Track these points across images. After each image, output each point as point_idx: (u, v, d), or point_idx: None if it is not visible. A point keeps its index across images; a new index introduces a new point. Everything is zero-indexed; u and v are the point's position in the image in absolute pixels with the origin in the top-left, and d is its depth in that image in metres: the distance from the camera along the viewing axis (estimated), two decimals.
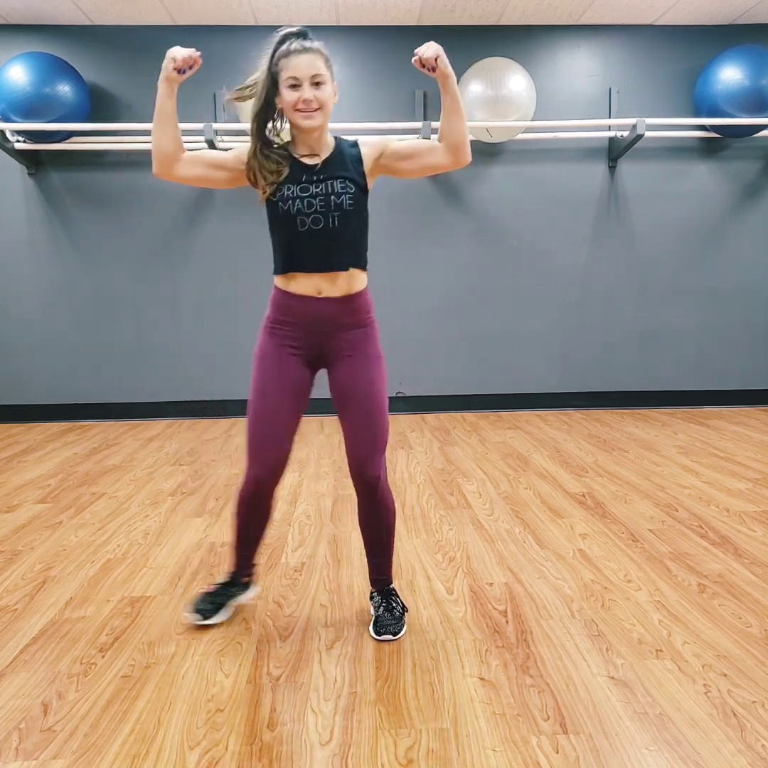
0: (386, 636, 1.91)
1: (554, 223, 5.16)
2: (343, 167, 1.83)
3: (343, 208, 1.79)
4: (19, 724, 1.57)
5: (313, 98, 1.74)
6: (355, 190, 1.82)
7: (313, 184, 1.79)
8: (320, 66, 1.75)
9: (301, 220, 1.79)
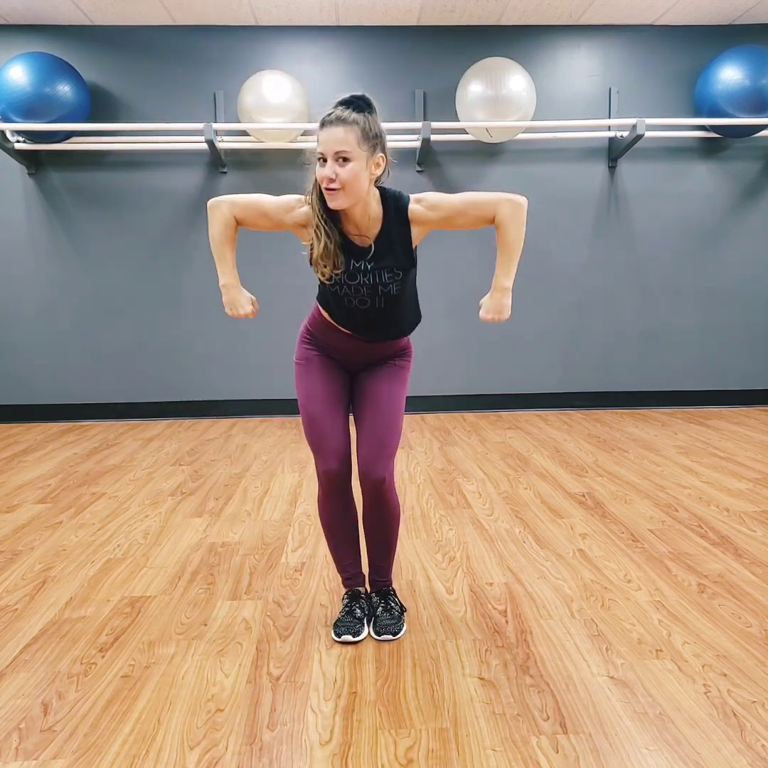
0: (386, 636, 1.91)
1: (554, 223, 5.16)
2: (391, 253, 1.77)
3: (390, 295, 1.81)
4: (19, 724, 1.57)
5: (333, 176, 1.63)
6: (403, 275, 1.80)
7: (361, 273, 1.77)
8: (349, 140, 1.62)
9: (348, 300, 1.82)
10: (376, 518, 1.96)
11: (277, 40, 4.94)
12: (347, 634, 1.90)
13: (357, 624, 1.93)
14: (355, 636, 1.90)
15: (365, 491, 1.92)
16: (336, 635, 1.92)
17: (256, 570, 2.41)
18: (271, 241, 4.95)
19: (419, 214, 1.78)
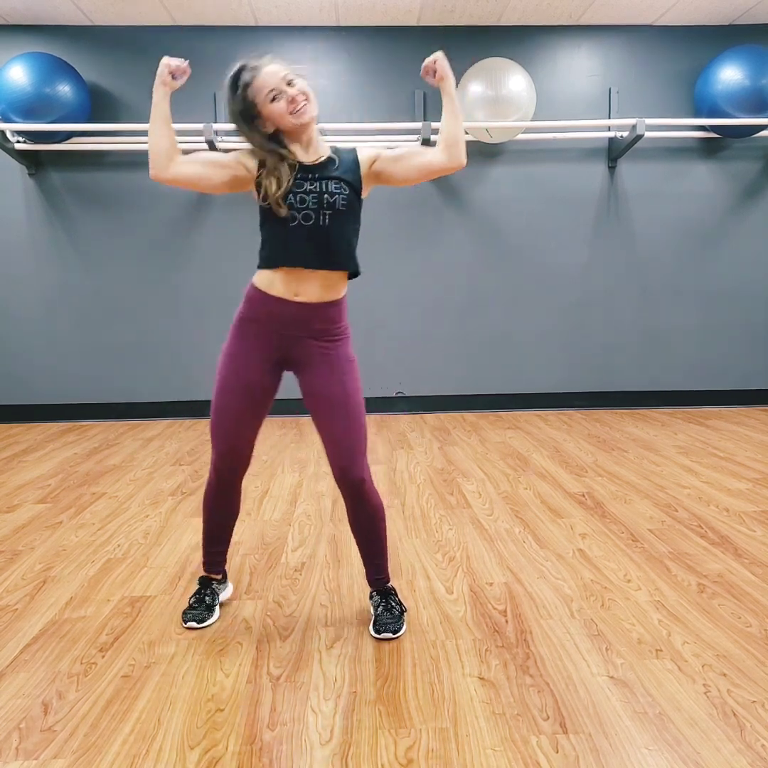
0: (386, 634, 1.91)
1: (554, 223, 5.17)
2: (338, 169, 1.84)
3: (335, 208, 1.79)
4: (19, 724, 1.57)
5: (297, 92, 1.78)
6: (350, 192, 1.82)
7: (308, 182, 1.79)
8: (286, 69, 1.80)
9: (292, 215, 1.78)
10: (362, 518, 1.95)
11: (277, 40, 4.94)
12: (192, 621, 1.98)
13: (204, 612, 2.01)
14: (200, 623, 1.98)
15: (346, 495, 1.92)
16: (183, 621, 2.00)
17: (256, 570, 2.41)
18: None
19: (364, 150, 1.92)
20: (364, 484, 1.88)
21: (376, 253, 5.02)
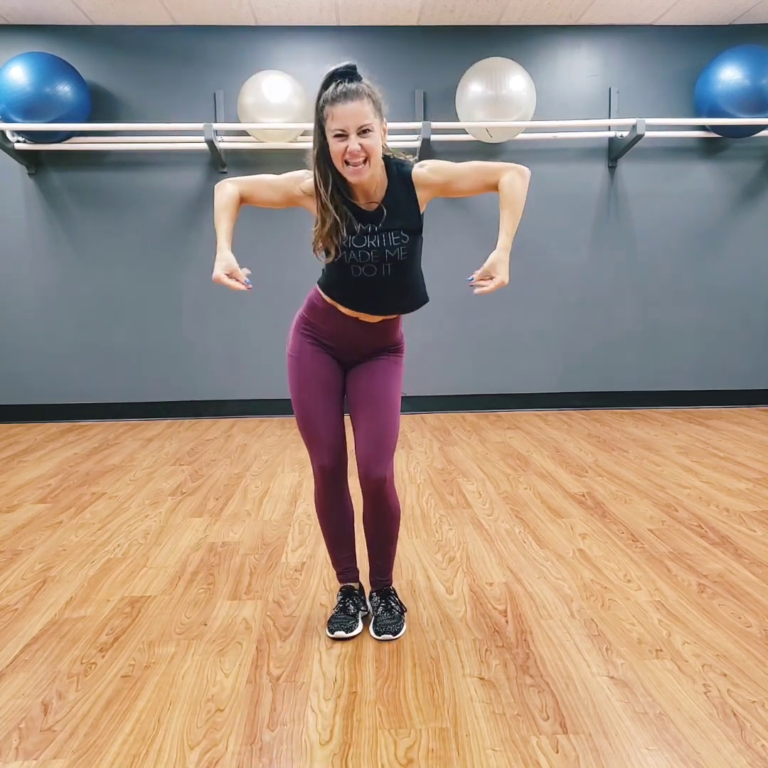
0: (386, 635, 1.91)
1: (554, 223, 5.16)
2: (398, 215, 1.78)
3: (397, 260, 1.79)
4: (19, 724, 1.57)
5: (359, 149, 1.66)
6: (410, 239, 1.79)
7: (368, 236, 1.77)
8: (367, 112, 1.66)
9: (355, 269, 1.79)
10: (376, 518, 1.96)
11: (277, 40, 4.94)
12: (340, 630, 1.91)
13: (350, 620, 1.95)
14: (348, 632, 1.92)
15: (366, 491, 1.92)
16: (329, 631, 1.93)
17: (256, 570, 2.41)
18: (271, 240, 4.95)
19: (422, 176, 1.81)
20: (385, 483, 1.88)
21: None
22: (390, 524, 1.97)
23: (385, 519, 1.96)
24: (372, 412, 1.89)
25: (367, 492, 1.91)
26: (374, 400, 1.89)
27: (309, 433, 1.91)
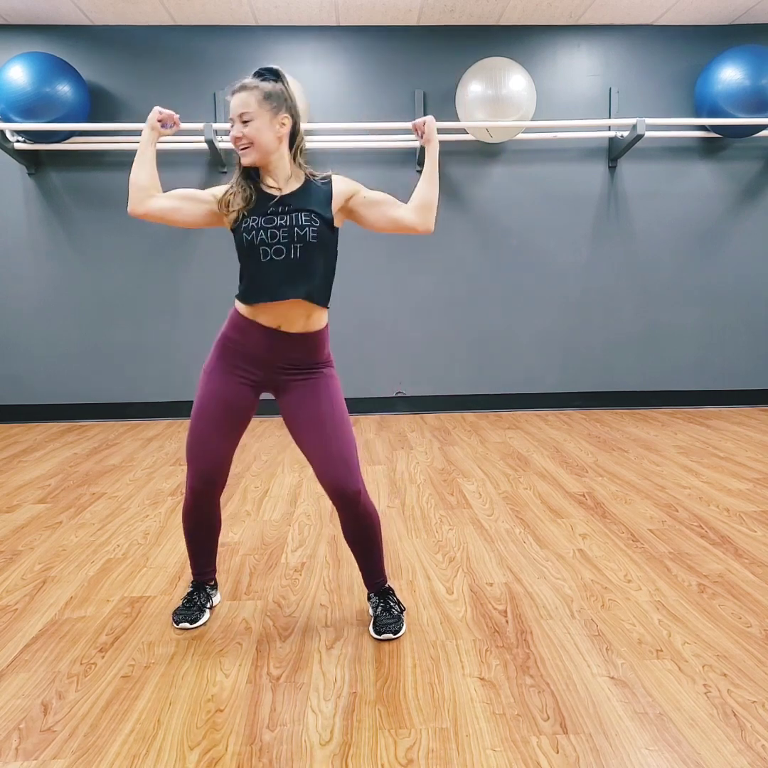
0: (386, 635, 1.91)
1: (554, 223, 5.17)
2: (309, 201, 1.83)
3: (306, 240, 1.79)
4: (19, 724, 1.57)
5: (240, 135, 1.78)
6: (320, 224, 1.81)
7: (278, 216, 1.79)
8: (250, 102, 1.77)
9: (264, 251, 1.79)
10: (358, 530, 1.94)
11: (277, 40, 4.94)
12: (185, 621, 1.98)
13: (195, 612, 2.01)
14: (192, 623, 1.99)
15: (341, 508, 1.89)
16: (175, 623, 2.00)
17: (256, 570, 2.41)
18: None
19: (340, 182, 1.90)
20: (360, 495, 1.87)
21: (376, 253, 5.02)
22: (371, 531, 1.95)
23: (366, 529, 1.93)
24: (322, 433, 1.85)
25: (344, 507, 1.88)
26: (321, 420, 1.86)
27: (191, 453, 1.91)
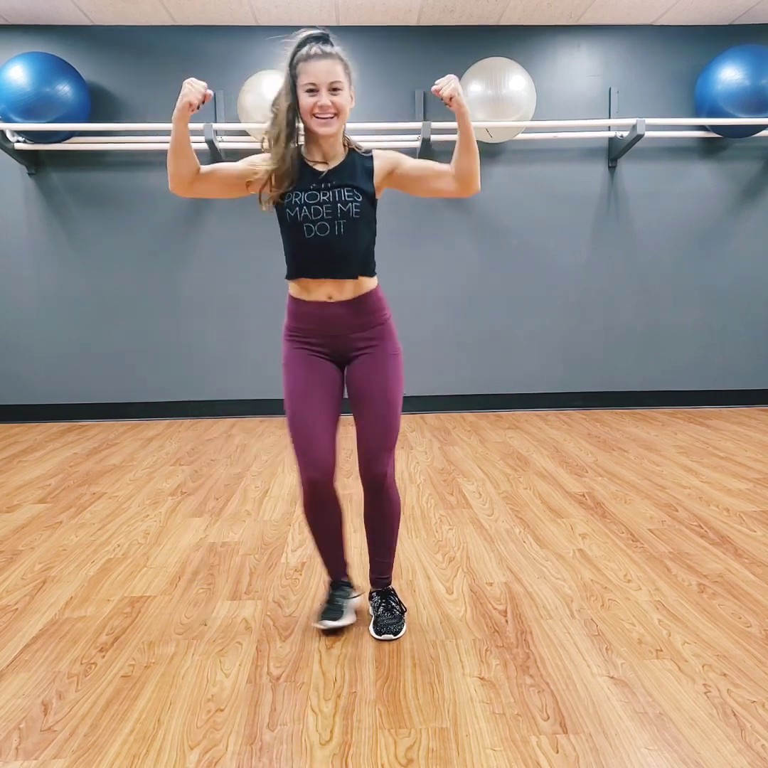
0: (387, 635, 1.91)
1: (554, 223, 5.16)
2: (352, 176, 1.83)
3: (349, 216, 1.80)
4: (19, 724, 1.57)
5: (330, 104, 1.75)
6: (363, 199, 1.82)
7: (321, 192, 1.80)
8: (338, 72, 1.77)
9: (308, 227, 1.80)
10: (377, 513, 1.97)
11: (277, 40, 4.93)
12: (327, 619, 1.94)
13: (338, 611, 1.97)
14: (335, 620, 1.94)
15: (366, 486, 1.93)
16: (318, 620, 1.95)
17: (256, 570, 2.41)
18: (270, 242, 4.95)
19: (382, 154, 1.91)
20: (386, 478, 1.90)
21: (376, 253, 5.01)
22: (390, 518, 1.98)
23: (386, 513, 1.96)
24: (372, 408, 1.89)
25: (368, 486, 1.92)
26: (374, 396, 1.89)
27: (299, 445, 1.88)
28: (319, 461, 1.86)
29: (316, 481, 1.87)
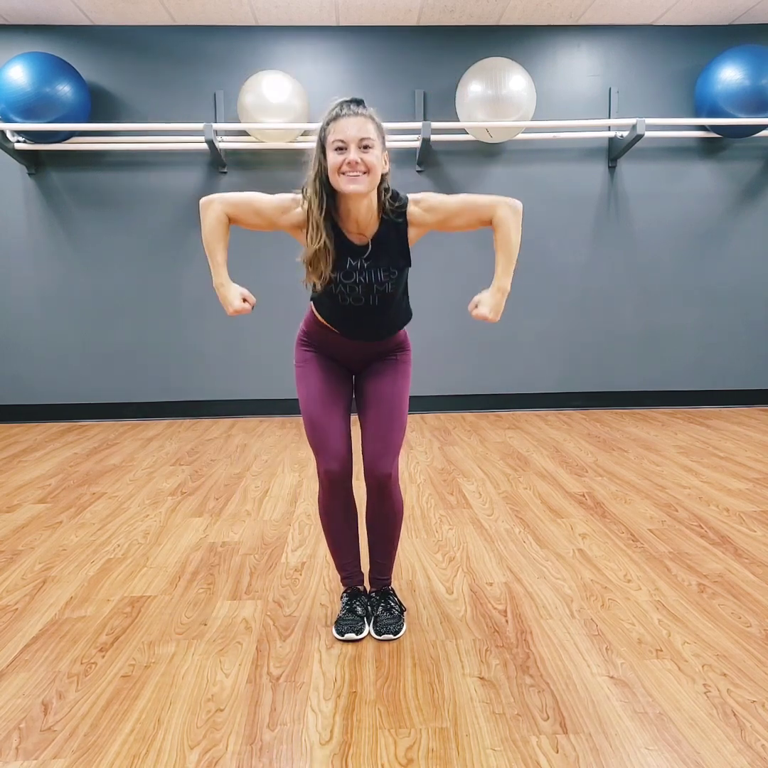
0: (387, 635, 1.91)
1: (554, 223, 5.16)
2: (388, 252, 1.79)
3: (385, 293, 1.82)
4: (19, 724, 1.57)
5: (359, 160, 1.64)
6: (398, 274, 1.82)
7: (357, 271, 1.77)
8: (370, 130, 1.66)
9: (343, 298, 1.82)
10: (379, 513, 1.97)
11: (277, 40, 4.94)
12: (351, 632, 1.91)
13: (359, 622, 1.94)
14: (358, 633, 1.91)
15: (370, 487, 1.93)
16: (339, 633, 1.92)
17: (256, 570, 2.41)
18: (269, 240, 4.95)
19: (417, 216, 1.80)
20: (390, 479, 1.91)
21: None
22: (393, 520, 1.98)
23: (389, 515, 1.97)
24: (379, 411, 1.92)
25: (372, 487, 1.93)
26: (381, 400, 1.92)
27: (316, 440, 1.91)
28: (338, 454, 1.89)
29: (335, 473, 1.90)
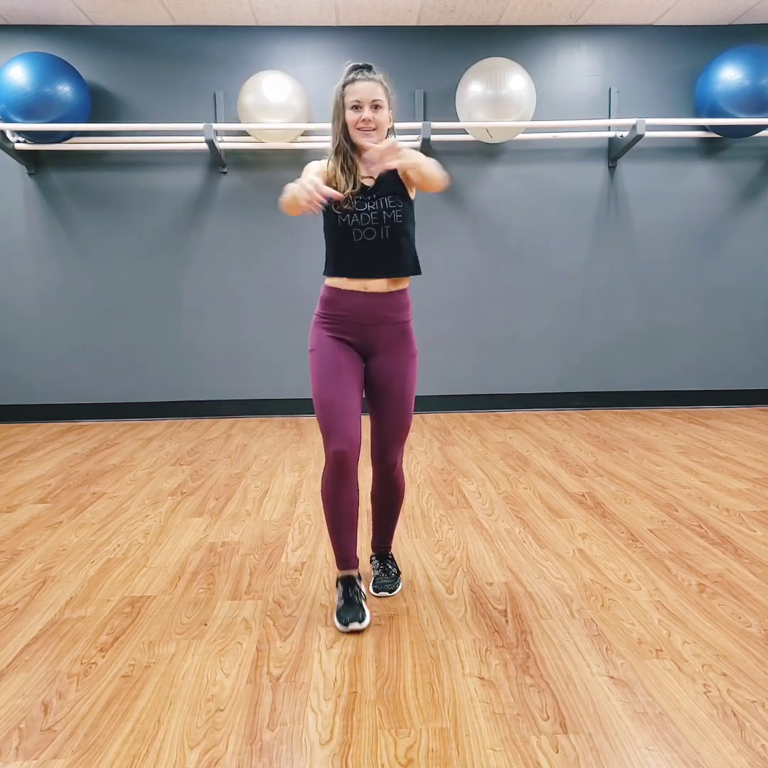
0: (383, 593, 2.13)
1: (554, 223, 5.17)
2: (389, 186, 2.01)
3: (393, 222, 1.98)
4: (19, 724, 1.57)
5: (371, 118, 1.97)
6: (403, 204, 2.00)
7: (368, 201, 1.98)
8: (380, 92, 1.98)
9: (356, 232, 1.97)
10: (384, 492, 2.19)
11: (277, 40, 4.94)
12: (354, 621, 1.94)
13: (359, 611, 1.98)
14: (361, 622, 1.95)
15: (377, 472, 2.15)
16: (342, 624, 1.95)
17: (256, 570, 2.41)
18: (269, 242, 4.95)
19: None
20: (395, 467, 2.13)
21: None
22: (396, 499, 2.20)
23: (393, 495, 2.19)
24: (390, 403, 2.06)
25: (379, 473, 2.14)
26: (393, 392, 2.06)
27: (328, 421, 1.98)
28: (348, 434, 1.97)
29: (344, 453, 1.96)
